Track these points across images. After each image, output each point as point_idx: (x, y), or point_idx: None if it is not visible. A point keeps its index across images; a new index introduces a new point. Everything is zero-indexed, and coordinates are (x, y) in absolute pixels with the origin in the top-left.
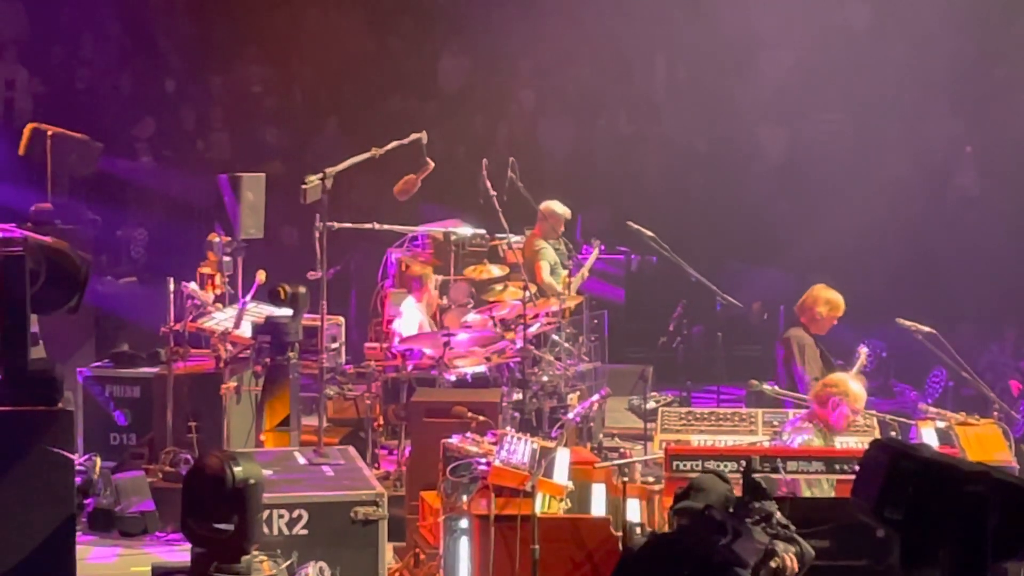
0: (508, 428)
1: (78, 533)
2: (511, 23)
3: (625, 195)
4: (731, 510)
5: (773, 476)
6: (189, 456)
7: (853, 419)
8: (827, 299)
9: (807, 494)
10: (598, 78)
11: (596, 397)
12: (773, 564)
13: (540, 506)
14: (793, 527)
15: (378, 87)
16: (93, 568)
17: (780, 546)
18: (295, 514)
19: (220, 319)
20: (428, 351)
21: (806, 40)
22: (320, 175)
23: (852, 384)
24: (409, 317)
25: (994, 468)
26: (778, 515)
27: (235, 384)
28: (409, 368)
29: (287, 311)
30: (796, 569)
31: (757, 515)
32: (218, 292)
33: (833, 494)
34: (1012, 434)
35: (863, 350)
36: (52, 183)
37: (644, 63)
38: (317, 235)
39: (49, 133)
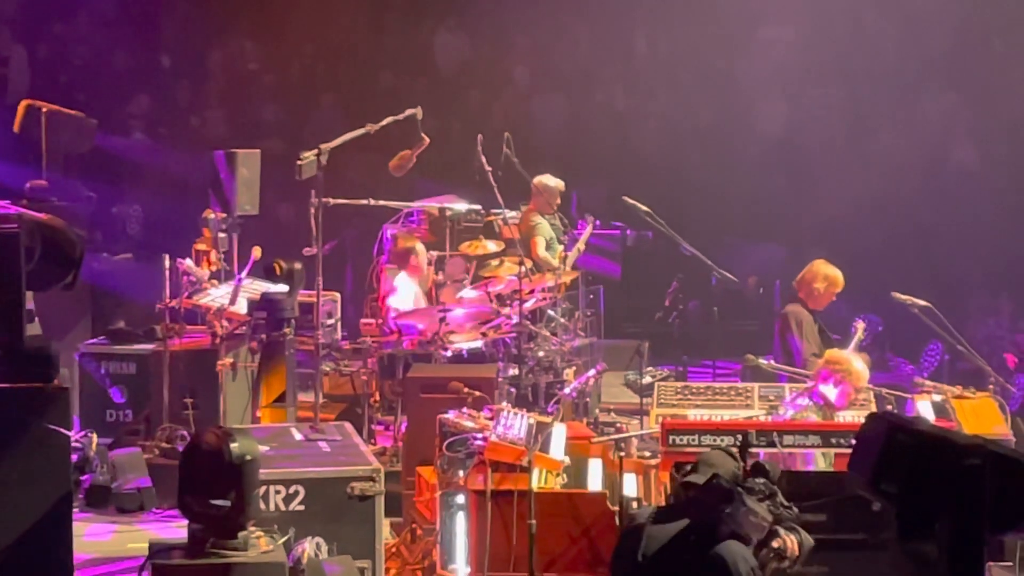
0: (504, 403)
1: (75, 510)
2: None
3: (621, 170)
4: (738, 485)
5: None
6: (185, 432)
7: (855, 397)
8: (826, 275)
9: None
10: (594, 53)
11: (592, 372)
12: (775, 544)
13: (537, 481)
14: (795, 509)
15: (374, 63)
16: (90, 545)
17: (782, 531)
18: (292, 490)
19: (216, 295)
20: (422, 326)
21: (803, 14)
22: (315, 151)
23: (855, 363)
24: (403, 292)
25: (990, 441)
26: (780, 496)
27: (231, 360)
28: (405, 344)
29: (283, 287)
30: (797, 552)
31: (761, 492)
32: (214, 268)
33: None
34: (1008, 407)
35: (860, 324)
36: (47, 160)
37: (640, 38)
38: (312, 211)
39: (44, 110)
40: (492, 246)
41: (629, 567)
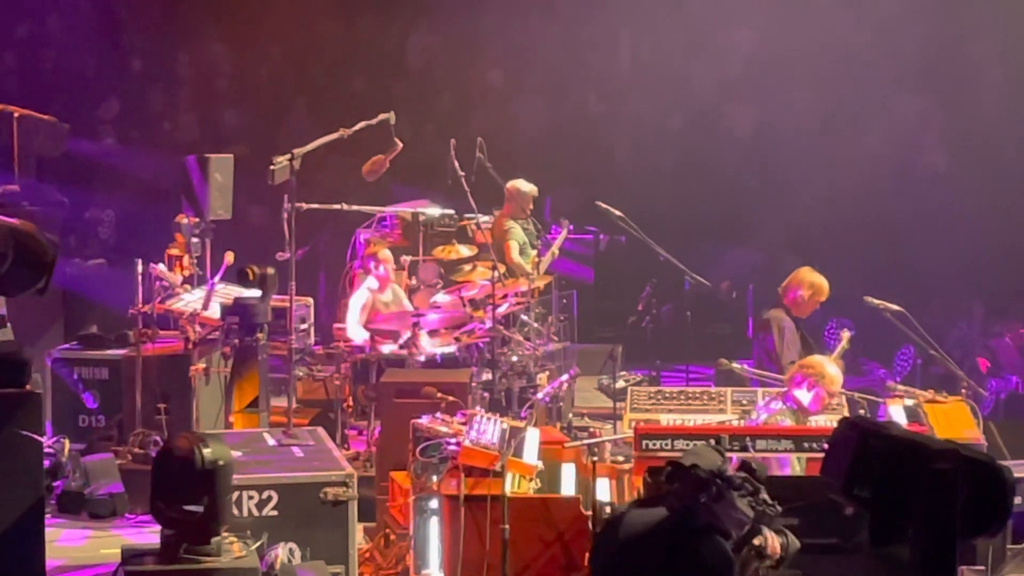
0: (478, 408)
1: (47, 516)
2: (480, 2)
3: (594, 175)
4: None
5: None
6: (158, 438)
7: (828, 402)
8: (811, 282)
9: None
10: (567, 57)
11: (565, 377)
12: (756, 542)
13: (510, 486)
14: (779, 507)
15: (346, 68)
16: (62, 551)
17: (766, 530)
18: (265, 495)
19: (189, 300)
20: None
21: (775, 17)
22: (288, 156)
23: (829, 367)
24: (354, 301)
25: (962, 445)
26: (765, 495)
27: (204, 365)
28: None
29: (256, 292)
30: (779, 552)
31: (743, 488)
32: (186, 273)
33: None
34: (980, 411)
35: (846, 334)
36: (19, 165)
37: (613, 42)
38: (285, 216)
39: (15, 115)
40: (465, 251)
41: (606, 557)
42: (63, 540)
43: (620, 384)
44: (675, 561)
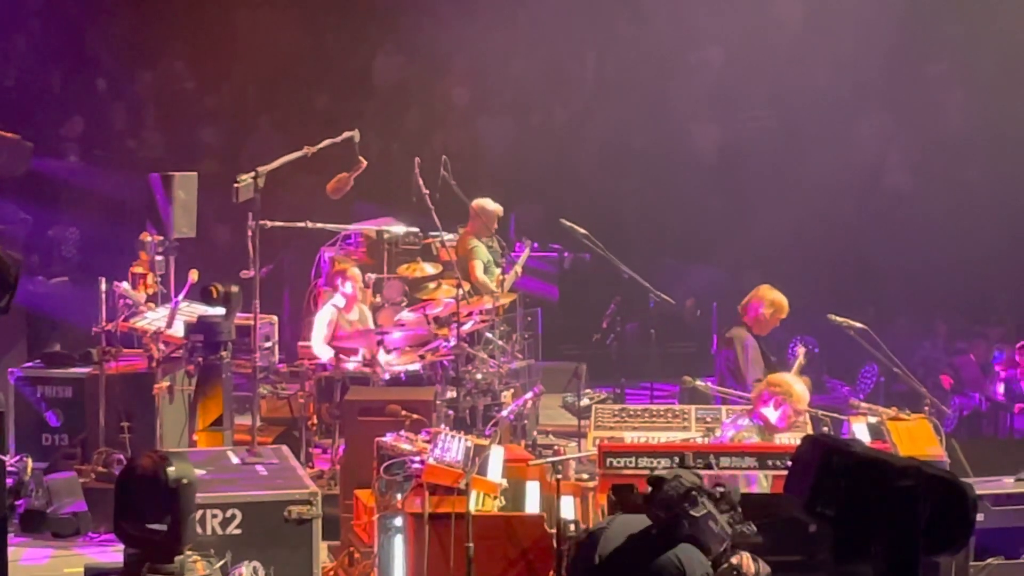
0: (442, 426)
1: (9, 535)
2: (445, 20)
3: (559, 193)
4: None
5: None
6: (122, 456)
7: (795, 419)
8: (772, 300)
9: None
10: (532, 75)
11: (530, 394)
12: (734, 560)
13: (474, 504)
14: (754, 526)
15: (311, 85)
16: (25, 570)
17: (743, 552)
18: (228, 514)
19: (152, 319)
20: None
21: (739, 36)
22: (252, 173)
23: (796, 385)
24: (319, 318)
25: (925, 463)
26: (739, 513)
27: (168, 384)
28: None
29: (220, 310)
30: (753, 573)
31: (722, 505)
32: (150, 292)
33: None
34: (942, 428)
35: (801, 349)
36: None
37: (578, 60)
38: (250, 234)
39: None
40: (430, 269)
41: (585, 570)
42: (26, 559)
43: (584, 402)
44: (656, 572)
